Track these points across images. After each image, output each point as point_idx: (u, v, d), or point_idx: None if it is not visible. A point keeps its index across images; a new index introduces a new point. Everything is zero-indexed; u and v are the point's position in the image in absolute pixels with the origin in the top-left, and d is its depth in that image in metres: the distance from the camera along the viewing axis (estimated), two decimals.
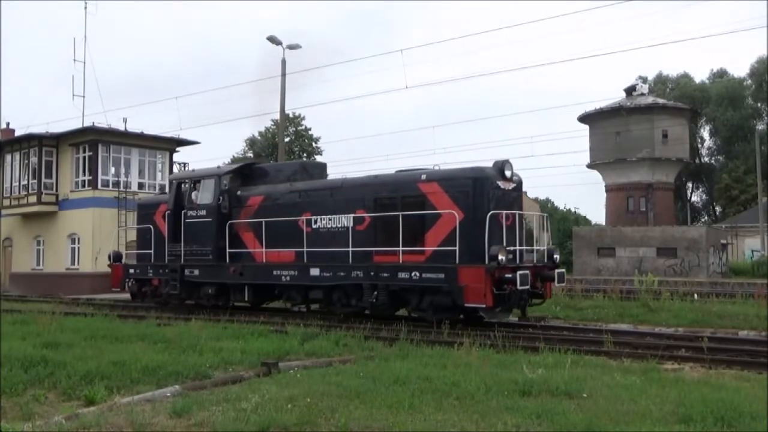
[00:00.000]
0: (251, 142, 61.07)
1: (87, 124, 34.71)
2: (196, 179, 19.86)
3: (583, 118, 54.81)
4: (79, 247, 33.50)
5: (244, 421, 6.47)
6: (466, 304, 13.61)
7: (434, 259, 14.41)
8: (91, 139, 33.40)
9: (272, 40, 28.94)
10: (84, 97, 38.23)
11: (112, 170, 34.18)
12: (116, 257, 22.37)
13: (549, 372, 8.71)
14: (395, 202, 15.20)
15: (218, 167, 20.06)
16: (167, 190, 23.73)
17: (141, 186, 34.83)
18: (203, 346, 11.27)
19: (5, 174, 36.44)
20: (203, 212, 19.03)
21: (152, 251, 20.55)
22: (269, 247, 17.50)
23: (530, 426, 6.36)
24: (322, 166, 20.14)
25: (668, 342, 11.76)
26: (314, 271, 16.20)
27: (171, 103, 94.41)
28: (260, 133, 60.61)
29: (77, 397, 8.20)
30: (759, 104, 63.01)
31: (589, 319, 15.44)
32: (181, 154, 42.88)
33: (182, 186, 20.15)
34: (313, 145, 61.05)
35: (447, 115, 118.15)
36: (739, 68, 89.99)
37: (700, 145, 69.11)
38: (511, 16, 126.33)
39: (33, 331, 13.21)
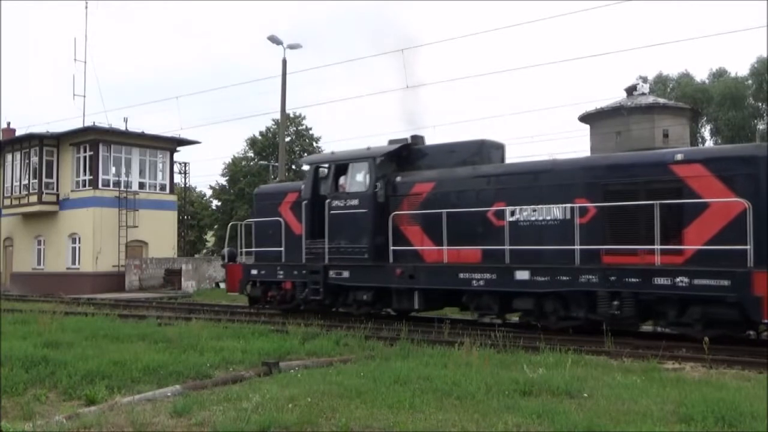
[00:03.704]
0: (252, 142, 61.12)
1: (88, 123, 34.84)
2: (341, 162, 16.56)
3: (584, 118, 54.79)
4: (79, 247, 33.56)
5: (244, 420, 6.47)
6: (766, 320, 10.85)
7: (699, 260, 11.49)
8: (92, 139, 33.45)
9: (273, 39, 28.93)
10: (85, 96, 38.55)
11: (113, 170, 34.26)
12: (231, 256, 18.99)
13: (550, 372, 8.72)
14: (635, 189, 12.28)
15: (368, 148, 16.52)
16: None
17: (142, 186, 34.91)
18: (204, 346, 11.27)
19: (6, 174, 36.50)
20: (355, 202, 15.87)
21: (283, 249, 17.37)
22: (448, 245, 14.48)
23: (531, 426, 6.35)
24: (502, 148, 16.29)
25: (669, 342, 11.73)
26: (521, 275, 13.13)
27: (172, 102, 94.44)
28: (261, 133, 60.68)
29: (78, 397, 8.21)
30: (759, 104, 63.00)
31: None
32: (182, 154, 42.92)
33: (320, 171, 17.15)
34: (314, 144, 61.10)
35: (447, 114, 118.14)
36: (740, 68, 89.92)
37: (701, 145, 69.09)
38: (511, 16, 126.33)
39: (34, 330, 13.21)
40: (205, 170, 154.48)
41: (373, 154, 16.03)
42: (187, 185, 52.94)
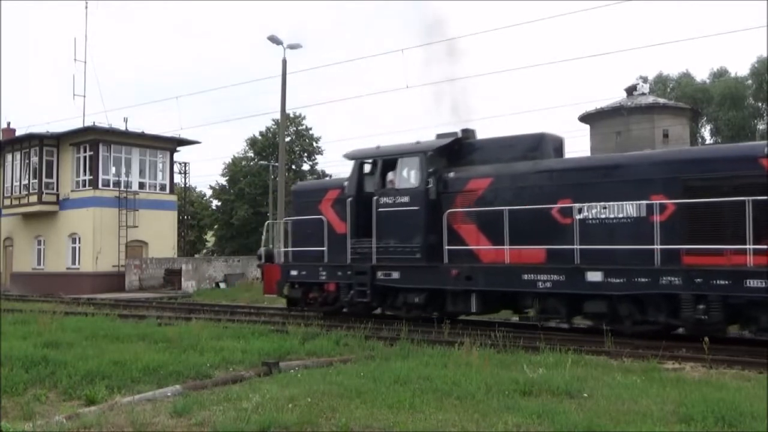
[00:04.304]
0: (252, 142, 61.18)
1: (88, 123, 34.91)
2: (389, 157, 15.66)
3: (584, 118, 54.81)
4: (79, 247, 33.60)
5: (244, 420, 6.47)
6: None
7: None
8: (92, 139, 33.48)
9: (273, 39, 28.94)
10: (85, 96, 38.62)
11: (113, 170, 34.31)
12: (269, 256, 18.01)
13: (550, 372, 8.71)
14: (718, 185, 11.43)
15: (417, 142, 15.58)
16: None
17: (142, 186, 34.94)
18: (204, 346, 11.26)
19: (6, 174, 36.53)
20: (405, 199, 14.99)
21: (326, 248, 16.40)
22: (507, 244, 13.59)
23: (531, 426, 6.35)
24: (561, 142, 15.31)
25: (669, 342, 11.72)
26: (594, 276, 12.32)
27: (172, 102, 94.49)
28: (261, 133, 60.73)
29: (78, 397, 8.20)
30: (760, 104, 63.01)
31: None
32: (182, 154, 42.97)
33: (365, 167, 16.30)
34: (314, 144, 61.16)
35: (447, 114, 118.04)
36: (740, 68, 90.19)
37: (701, 145, 69.08)
38: (510, 17, 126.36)
39: (34, 330, 13.20)
40: (205, 170, 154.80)
41: (424, 149, 15.16)
42: (187, 185, 52.99)
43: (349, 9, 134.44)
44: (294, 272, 16.98)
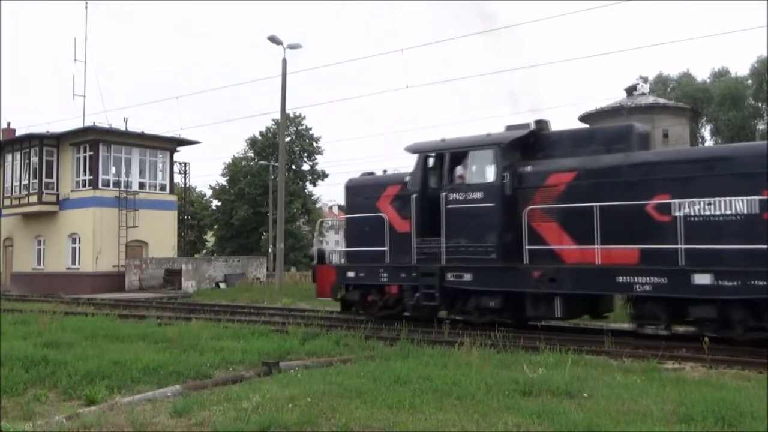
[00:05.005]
0: (252, 142, 61.22)
1: (88, 123, 34.89)
2: (458, 151, 14.75)
3: (584, 118, 54.81)
4: (79, 247, 33.59)
5: (244, 420, 6.48)
6: None
7: None
8: (92, 139, 33.47)
9: (273, 39, 28.94)
10: (85, 96, 38.71)
11: (113, 170, 34.31)
12: (321, 256, 17.05)
13: (550, 372, 8.73)
14: None
15: (488, 134, 14.57)
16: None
17: (142, 186, 34.95)
18: (204, 346, 11.28)
19: (6, 174, 36.53)
20: (478, 195, 14.06)
21: (387, 248, 15.36)
22: (594, 243, 12.63)
23: (531, 426, 6.36)
24: (648, 134, 14.54)
25: (669, 342, 11.73)
26: (701, 279, 11.31)
27: (172, 102, 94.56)
28: (261, 133, 60.76)
29: (78, 397, 8.20)
30: (759, 104, 63.02)
31: (590, 319, 15.39)
32: (182, 154, 42.99)
33: (429, 160, 15.36)
34: (314, 144, 61.20)
35: (448, 114, 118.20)
36: (740, 68, 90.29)
37: (701, 145, 69.08)
38: (511, 17, 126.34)
39: (34, 330, 13.22)
40: (205, 170, 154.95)
41: (498, 141, 14.16)
42: (187, 185, 53.00)
43: (349, 9, 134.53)
44: (351, 274, 15.99)
